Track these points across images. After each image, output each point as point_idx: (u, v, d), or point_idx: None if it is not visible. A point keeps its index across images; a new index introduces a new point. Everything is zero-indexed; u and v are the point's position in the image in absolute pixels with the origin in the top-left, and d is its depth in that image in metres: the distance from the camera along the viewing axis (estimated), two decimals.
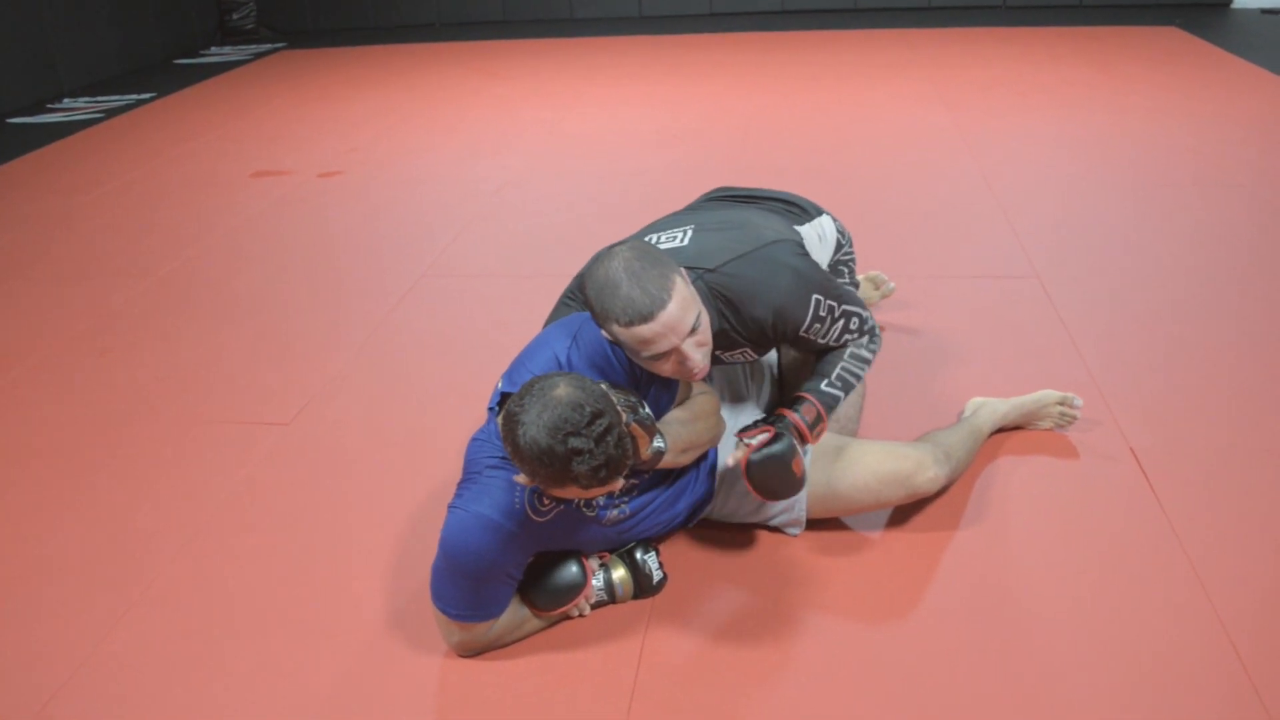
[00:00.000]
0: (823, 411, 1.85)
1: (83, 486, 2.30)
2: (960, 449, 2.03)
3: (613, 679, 1.66)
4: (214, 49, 7.82)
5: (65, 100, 6.29)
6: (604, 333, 1.69)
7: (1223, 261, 3.09)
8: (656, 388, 1.77)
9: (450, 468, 2.23)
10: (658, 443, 1.62)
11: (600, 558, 1.81)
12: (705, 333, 1.69)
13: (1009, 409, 2.23)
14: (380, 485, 2.23)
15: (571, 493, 1.49)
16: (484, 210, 3.92)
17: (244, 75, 6.87)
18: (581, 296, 1.75)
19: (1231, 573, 1.81)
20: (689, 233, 1.91)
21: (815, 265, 1.90)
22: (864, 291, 2.74)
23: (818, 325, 1.86)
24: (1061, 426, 2.24)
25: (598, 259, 1.68)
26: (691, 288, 1.67)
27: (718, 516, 1.98)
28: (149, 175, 4.68)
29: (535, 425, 1.42)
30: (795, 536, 1.95)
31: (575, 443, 1.42)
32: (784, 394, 2.20)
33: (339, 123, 5.40)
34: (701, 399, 1.83)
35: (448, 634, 1.70)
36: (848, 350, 1.92)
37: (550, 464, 1.43)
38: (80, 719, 1.66)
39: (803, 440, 1.83)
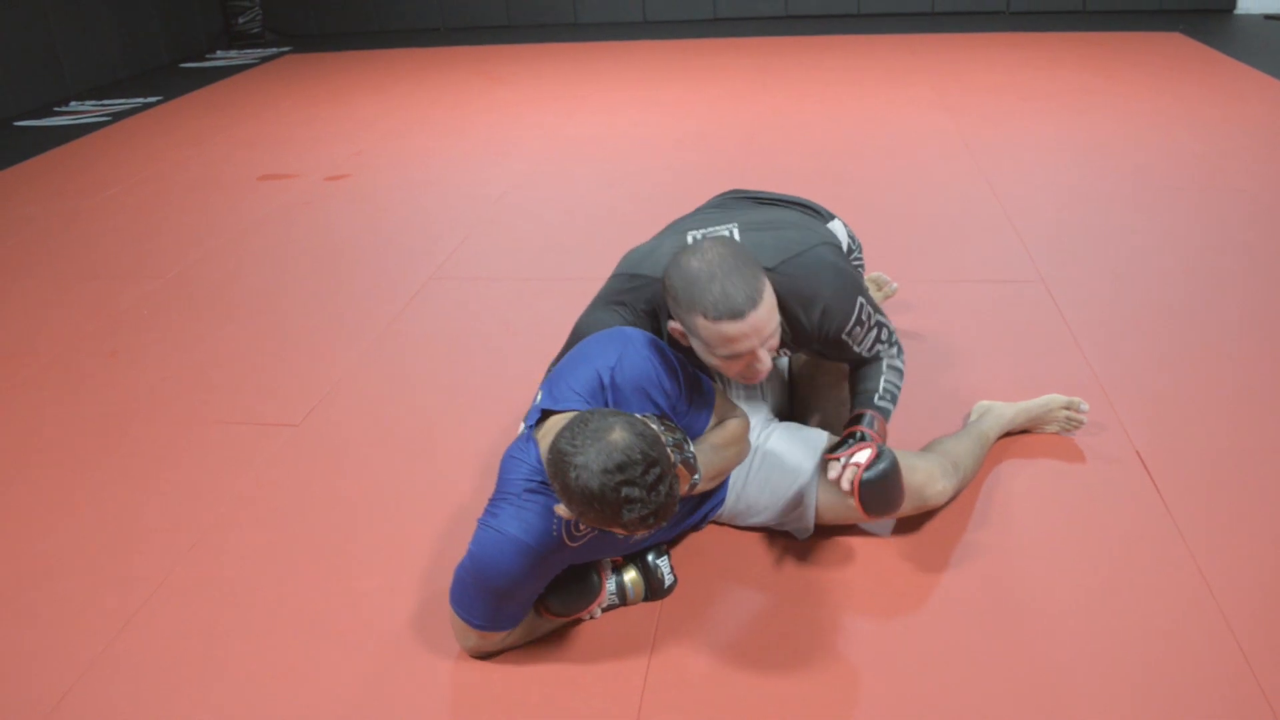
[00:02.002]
0: (884, 425, 1.86)
1: (92, 486, 2.31)
2: (968, 458, 2.04)
3: (623, 681, 1.67)
4: (220, 53, 7.85)
5: (72, 103, 6.31)
6: (675, 322, 1.70)
7: (1227, 266, 3.10)
8: (693, 411, 1.76)
9: (458, 470, 2.25)
10: (695, 478, 1.63)
11: (612, 560, 1.82)
12: (778, 337, 1.71)
13: (1015, 413, 2.23)
14: (389, 486, 2.24)
15: (614, 530, 1.48)
16: (489, 214, 3.94)
17: (250, 79, 6.89)
18: (664, 285, 1.71)
19: (1237, 574, 1.82)
20: (735, 231, 1.89)
21: (855, 269, 1.92)
22: None
23: (858, 329, 1.86)
24: (1068, 431, 2.25)
25: (689, 249, 1.68)
26: (773, 292, 1.69)
27: (727, 519, 1.99)
28: (155, 178, 4.70)
29: (588, 470, 1.39)
30: (804, 540, 1.96)
31: (629, 492, 1.40)
32: (794, 398, 2.20)
33: (345, 126, 5.42)
34: (734, 424, 1.81)
35: (463, 638, 1.70)
36: (883, 363, 1.91)
37: (601, 509, 1.41)
38: (94, 716, 1.67)
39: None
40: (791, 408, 2.21)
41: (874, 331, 1.90)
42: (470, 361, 2.78)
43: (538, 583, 1.66)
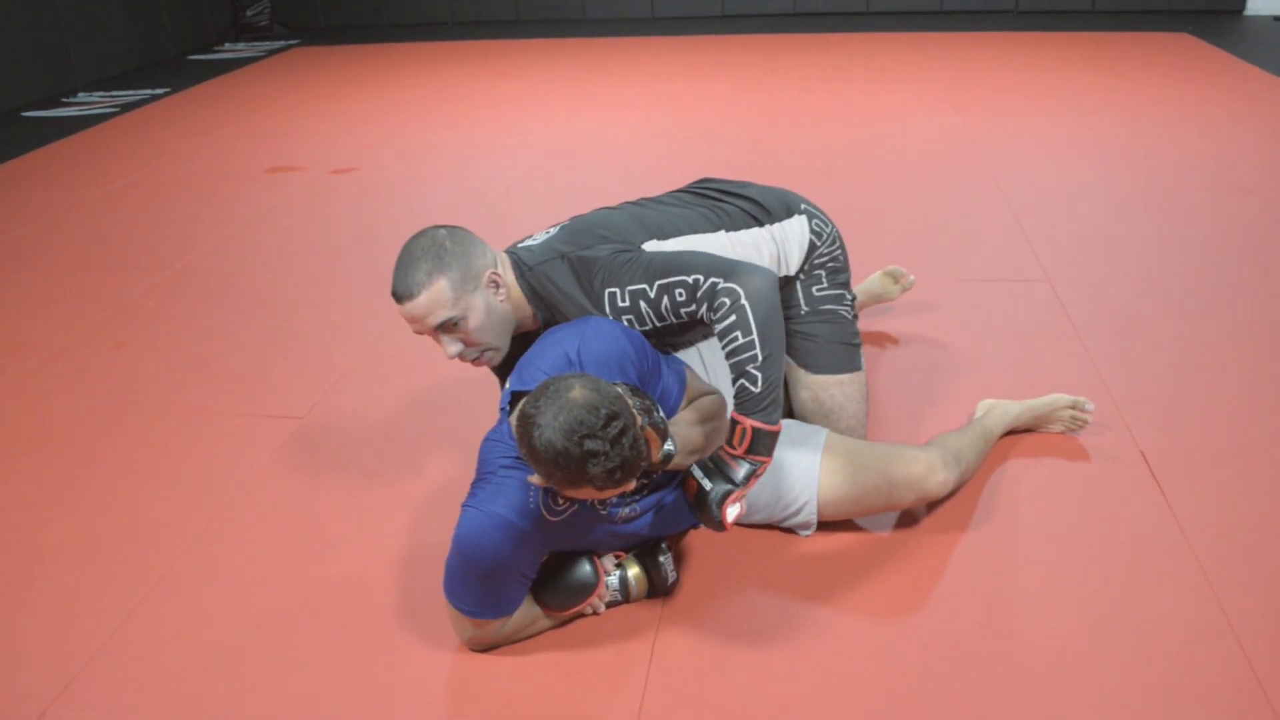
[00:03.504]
0: (748, 426, 1.67)
1: (97, 477, 2.32)
2: (970, 452, 2.04)
3: (625, 675, 1.68)
4: (228, 45, 7.85)
5: (80, 94, 6.32)
6: None
7: (1233, 266, 3.10)
8: (664, 385, 1.78)
9: (464, 463, 2.25)
10: (668, 446, 1.63)
11: (615, 556, 1.82)
12: (473, 333, 1.85)
13: (1020, 411, 2.23)
14: (394, 480, 2.25)
15: (586, 494, 1.50)
16: (494, 209, 3.94)
17: (257, 71, 6.89)
18: None
19: (1240, 576, 1.81)
20: (556, 228, 2.00)
21: (623, 262, 1.84)
22: (883, 286, 2.73)
23: (631, 319, 1.83)
24: (1072, 430, 2.25)
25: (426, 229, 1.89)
26: (460, 292, 1.82)
27: None
28: (162, 170, 4.71)
29: (551, 428, 1.43)
30: (806, 537, 1.96)
31: (591, 445, 1.42)
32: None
33: (352, 119, 5.42)
34: (709, 400, 1.83)
35: (460, 629, 1.71)
36: (723, 339, 1.71)
37: (566, 466, 1.43)
38: (95, 707, 1.67)
39: (733, 454, 1.70)
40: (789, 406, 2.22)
41: (665, 300, 1.78)
42: None
43: (523, 562, 1.66)
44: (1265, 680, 1.59)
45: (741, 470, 1.67)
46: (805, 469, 1.90)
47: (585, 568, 1.74)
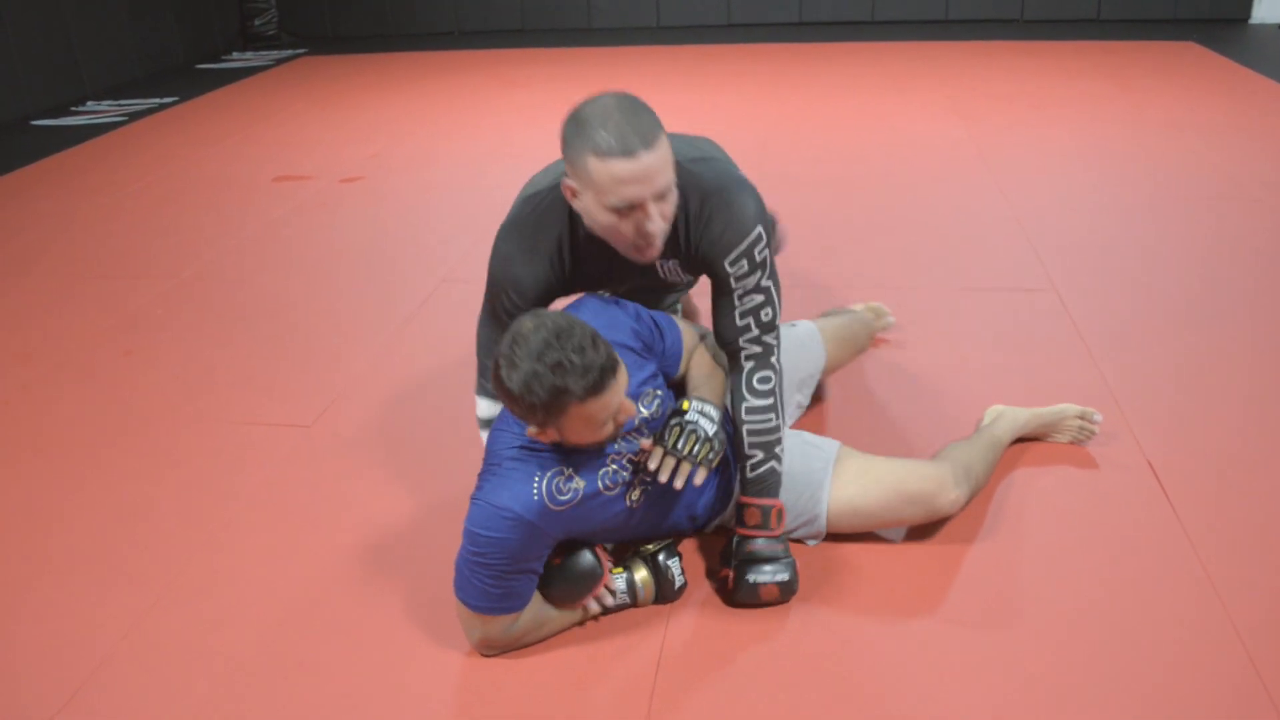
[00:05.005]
0: (759, 506, 1.80)
1: (104, 485, 2.33)
2: (980, 464, 2.03)
3: (632, 680, 1.68)
4: (236, 54, 7.89)
5: (89, 103, 6.35)
6: (569, 180, 1.68)
7: (1239, 275, 3.09)
8: (669, 343, 1.86)
9: (471, 470, 2.24)
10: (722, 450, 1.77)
11: (610, 564, 1.83)
12: (672, 205, 1.66)
13: (1029, 418, 2.23)
14: (401, 487, 2.25)
15: (578, 418, 1.56)
16: (502, 217, 3.94)
17: (265, 80, 6.92)
18: (561, 139, 1.69)
19: (1247, 584, 1.81)
20: None
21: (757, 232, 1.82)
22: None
23: (744, 264, 1.73)
24: (1080, 440, 2.24)
25: (586, 100, 1.66)
26: (671, 151, 1.63)
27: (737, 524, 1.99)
28: (171, 178, 4.73)
29: (518, 367, 1.53)
30: (813, 546, 1.96)
31: (553, 356, 1.51)
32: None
33: (359, 128, 5.44)
34: (707, 359, 1.94)
35: (469, 630, 1.71)
36: (742, 397, 1.79)
37: (542, 389, 1.52)
38: (102, 714, 1.68)
39: (766, 527, 1.80)
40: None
41: (759, 298, 1.75)
42: None
43: (531, 555, 1.67)
44: (1271, 687, 1.59)
45: (781, 546, 1.80)
46: (816, 481, 1.90)
47: (587, 556, 1.75)
